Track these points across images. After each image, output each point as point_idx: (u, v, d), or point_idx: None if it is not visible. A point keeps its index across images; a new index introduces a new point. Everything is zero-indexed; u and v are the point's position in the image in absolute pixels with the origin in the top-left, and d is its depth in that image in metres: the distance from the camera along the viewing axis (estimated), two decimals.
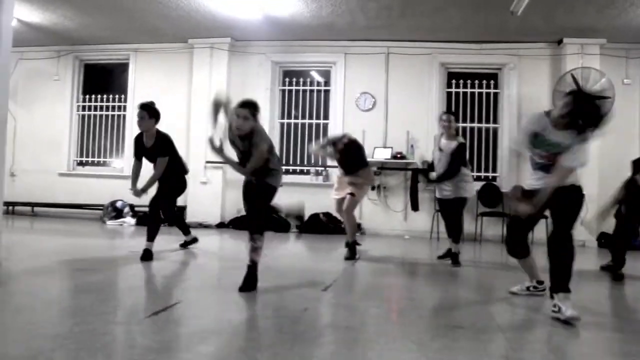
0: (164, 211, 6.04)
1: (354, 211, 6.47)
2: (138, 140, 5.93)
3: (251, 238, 4.30)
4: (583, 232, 8.80)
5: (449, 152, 6.26)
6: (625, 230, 5.96)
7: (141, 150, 5.90)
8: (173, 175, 5.96)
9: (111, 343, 2.68)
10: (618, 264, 5.76)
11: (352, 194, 6.32)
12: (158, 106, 5.83)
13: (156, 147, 5.78)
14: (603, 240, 8.60)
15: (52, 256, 5.57)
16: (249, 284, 4.16)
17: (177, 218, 6.76)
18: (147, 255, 5.56)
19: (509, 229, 4.32)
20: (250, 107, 4.33)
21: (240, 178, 4.61)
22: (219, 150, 4.32)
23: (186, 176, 6.28)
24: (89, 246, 6.44)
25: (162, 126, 5.97)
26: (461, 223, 6.57)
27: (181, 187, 6.19)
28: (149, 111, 5.72)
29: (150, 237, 5.73)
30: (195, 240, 6.69)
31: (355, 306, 3.93)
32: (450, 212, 6.43)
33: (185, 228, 6.72)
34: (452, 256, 6.21)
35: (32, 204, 10.65)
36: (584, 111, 3.68)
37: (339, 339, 2.93)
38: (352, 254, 6.29)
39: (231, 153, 4.49)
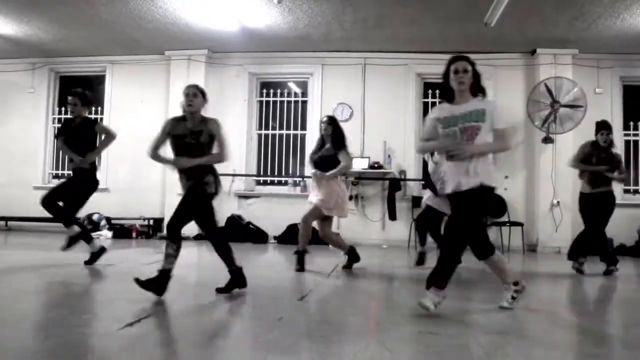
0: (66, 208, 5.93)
1: (313, 222, 6.13)
2: (67, 123, 6.22)
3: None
4: (558, 239, 8.95)
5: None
6: (594, 233, 6.28)
7: (65, 131, 6.07)
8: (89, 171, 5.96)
9: (83, 355, 2.65)
10: (610, 261, 6.17)
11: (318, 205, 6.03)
12: (135, 118, 5.87)
13: (83, 129, 6.00)
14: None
15: (25, 270, 5.49)
16: (157, 285, 4.04)
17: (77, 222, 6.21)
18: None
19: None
20: (196, 87, 4.45)
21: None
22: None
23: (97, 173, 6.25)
24: (63, 260, 6.36)
25: (139, 137, 5.97)
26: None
27: (94, 185, 6.10)
28: (81, 98, 6.03)
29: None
30: (103, 250, 6.09)
31: (331, 315, 3.93)
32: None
33: (88, 237, 6.11)
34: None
35: (6, 218, 10.49)
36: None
37: (313, 348, 2.93)
38: (301, 265, 5.98)
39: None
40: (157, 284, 4.02)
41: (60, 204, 5.87)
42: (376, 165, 9.70)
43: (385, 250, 9.02)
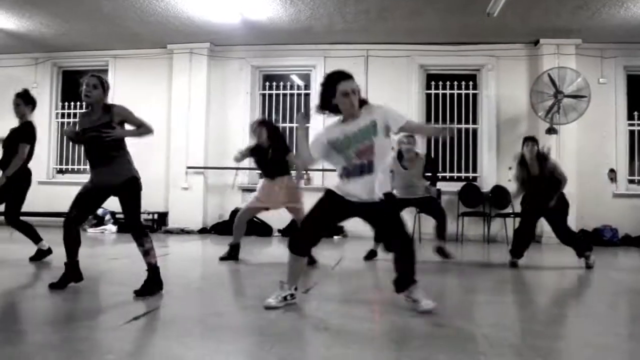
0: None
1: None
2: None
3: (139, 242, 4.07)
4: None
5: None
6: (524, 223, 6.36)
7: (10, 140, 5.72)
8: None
9: (89, 349, 2.66)
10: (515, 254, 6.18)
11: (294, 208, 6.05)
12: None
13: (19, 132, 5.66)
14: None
15: (31, 265, 5.51)
16: (148, 288, 3.94)
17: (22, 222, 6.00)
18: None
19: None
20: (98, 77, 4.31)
21: (223, 184, 4.59)
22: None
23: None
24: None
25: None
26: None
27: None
28: (24, 99, 5.73)
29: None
30: (49, 252, 5.86)
31: (335, 308, 3.93)
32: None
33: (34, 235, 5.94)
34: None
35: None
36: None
37: (318, 340, 2.94)
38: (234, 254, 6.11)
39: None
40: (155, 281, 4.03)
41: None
42: None
43: None
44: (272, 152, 5.98)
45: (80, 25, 9.26)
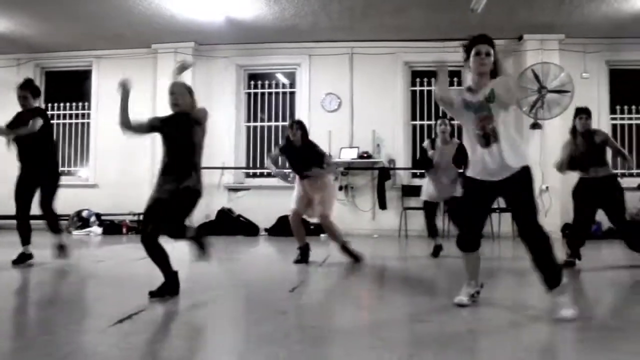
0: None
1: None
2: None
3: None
4: (547, 224, 8.97)
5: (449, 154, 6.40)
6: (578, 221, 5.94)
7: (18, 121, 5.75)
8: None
9: (73, 352, 2.64)
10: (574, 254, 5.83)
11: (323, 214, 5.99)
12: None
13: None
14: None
15: (16, 268, 5.45)
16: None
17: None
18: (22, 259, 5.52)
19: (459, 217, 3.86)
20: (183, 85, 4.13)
21: (209, 183, 4.55)
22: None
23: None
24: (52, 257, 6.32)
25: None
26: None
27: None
28: (31, 89, 5.76)
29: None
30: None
31: (322, 306, 3.94)
32: (451, 210, 6.72)
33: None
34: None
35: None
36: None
37: (306, 338, 2.93)
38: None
39: None
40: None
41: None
42: (365, 155, 9.69)
43: (376, 239, 9.03)
44: (303, 151, 5.94)
45: (63, 25, 9.18)
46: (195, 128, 3.96)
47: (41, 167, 5.72)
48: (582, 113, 5.94)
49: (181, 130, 3.93)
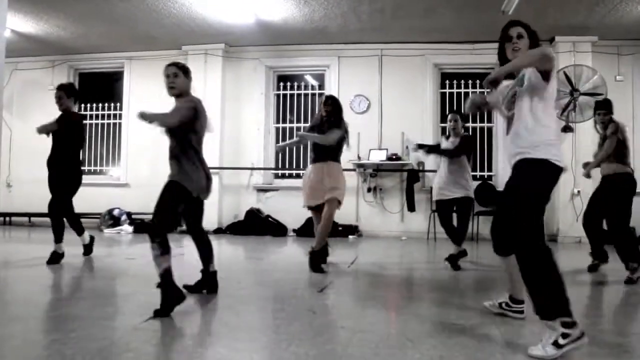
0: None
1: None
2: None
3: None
4: (578, 229, 8.85)
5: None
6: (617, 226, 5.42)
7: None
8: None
9: (107, 347, 2.69)
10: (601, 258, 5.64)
11: (334, 200, 5.61)
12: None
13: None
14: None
15: (47, 266, 5.56)
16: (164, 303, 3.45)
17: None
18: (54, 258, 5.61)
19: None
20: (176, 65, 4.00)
21: (238, 184, 4.60)
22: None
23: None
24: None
25: (158, 132, 5.98)
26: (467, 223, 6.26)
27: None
28: (66, 90, 5.87)
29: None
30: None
31: (351, 306, 3.94)
32: (461, 212, 6.19)
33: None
34: (453, 259, 5.90)
35: (29, 214, 10.63)
36: None
37: (335, 339, 2.94)
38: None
39: None
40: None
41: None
42: (394, 157, 9.67)
43: (405, 242, 9.00)
44: (329, 127, 5.72)
45: (96, 27, 9.35)
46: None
47: (57, 169, 5.90)
48: (600, 108, 5.71)
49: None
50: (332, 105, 5.85)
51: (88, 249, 6.13)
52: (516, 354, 2.70)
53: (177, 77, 3.92)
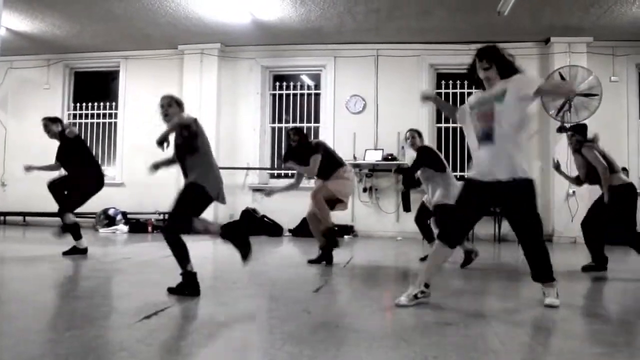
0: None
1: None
2: None
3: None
4: (574, 229, 8.88)
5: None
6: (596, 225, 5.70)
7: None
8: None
9: (101, 346, 2.69)
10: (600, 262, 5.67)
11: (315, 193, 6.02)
12: (149, 112, 5.89)
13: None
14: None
15: (44, 264, 5.56)
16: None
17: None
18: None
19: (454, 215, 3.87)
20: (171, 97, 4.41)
21: (234, 184, 4.61)
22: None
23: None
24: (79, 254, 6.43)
25: (153, 132, 5.98)
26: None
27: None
28: (47, 119, 6.52)
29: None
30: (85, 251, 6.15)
31: (346, 306, 3.94)
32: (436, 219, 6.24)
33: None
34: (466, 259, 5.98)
35: (24, 214, 10.61)
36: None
37: (329, 338, 2.94)
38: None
39: None
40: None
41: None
42: (390, 157, 9.68)
43: (400, 242, 9.01)
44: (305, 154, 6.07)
45: (92, 26, 9.33)
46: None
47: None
48: (573, 130, 5.93)
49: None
50: (298, 135, 6.21)
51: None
52: (510, 353, 2.70)
53: (171, 107, 4.28)
